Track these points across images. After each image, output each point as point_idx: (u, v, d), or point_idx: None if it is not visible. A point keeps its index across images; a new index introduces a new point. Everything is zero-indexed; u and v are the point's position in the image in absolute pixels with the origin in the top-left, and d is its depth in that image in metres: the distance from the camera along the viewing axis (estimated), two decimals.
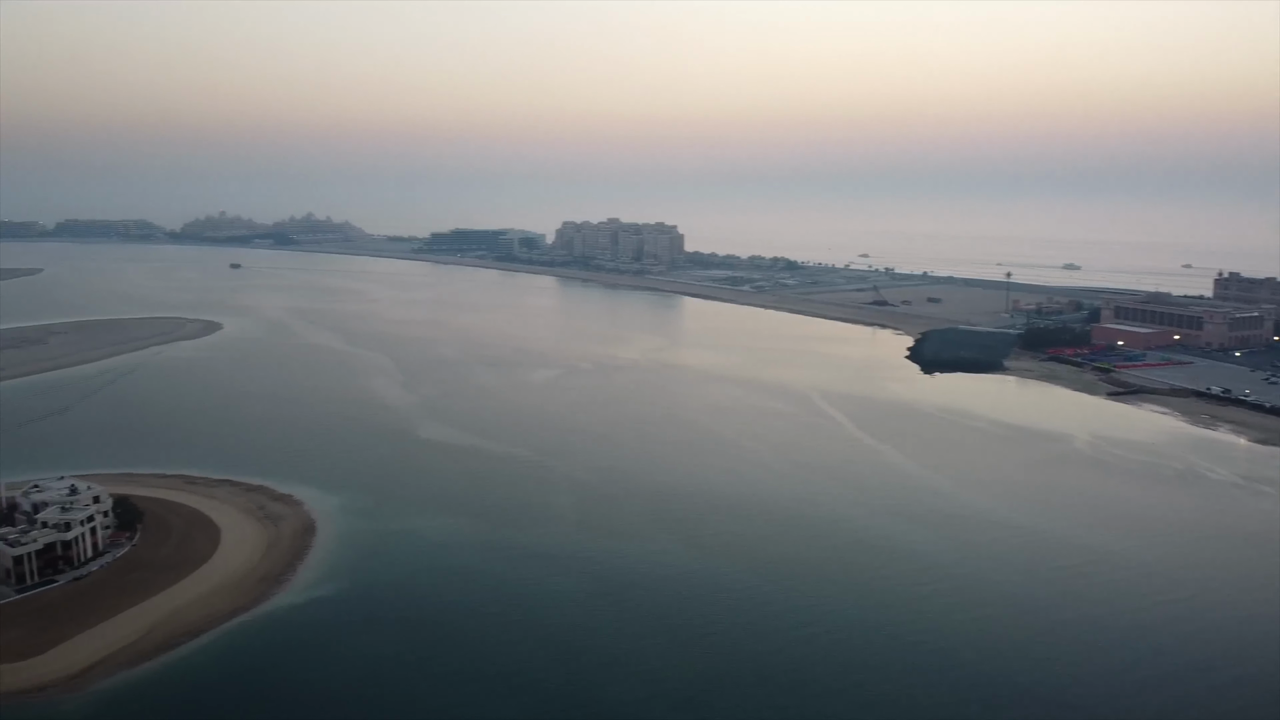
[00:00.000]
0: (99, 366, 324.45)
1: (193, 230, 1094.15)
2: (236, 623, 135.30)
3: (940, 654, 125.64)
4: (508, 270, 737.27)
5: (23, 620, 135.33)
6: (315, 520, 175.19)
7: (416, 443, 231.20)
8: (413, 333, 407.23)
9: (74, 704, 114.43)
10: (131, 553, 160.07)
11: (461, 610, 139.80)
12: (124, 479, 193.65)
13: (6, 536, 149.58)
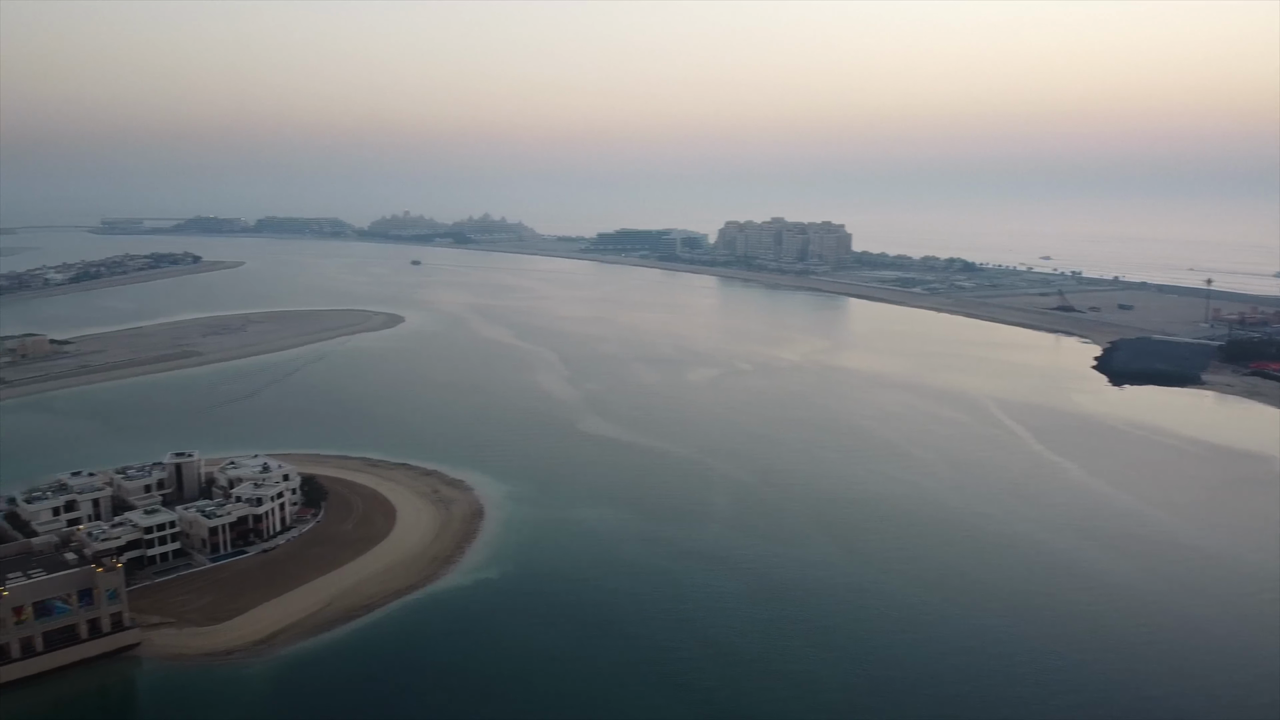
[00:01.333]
0: (291, 354, 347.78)
1: (379, 228, 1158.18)
2: (409, 599, 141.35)
3: (1122, 687, 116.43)
4: (670, 269, 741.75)
5: (215, 587, 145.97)
6: (483, 506, 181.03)
7: (579, 436, 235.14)
8: (578, 329, 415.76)
9: (258, 668, 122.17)
10: (316, 528, 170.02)
11: (622, 603, 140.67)
12: (311, 459, 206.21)
13: (204, 509, 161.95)
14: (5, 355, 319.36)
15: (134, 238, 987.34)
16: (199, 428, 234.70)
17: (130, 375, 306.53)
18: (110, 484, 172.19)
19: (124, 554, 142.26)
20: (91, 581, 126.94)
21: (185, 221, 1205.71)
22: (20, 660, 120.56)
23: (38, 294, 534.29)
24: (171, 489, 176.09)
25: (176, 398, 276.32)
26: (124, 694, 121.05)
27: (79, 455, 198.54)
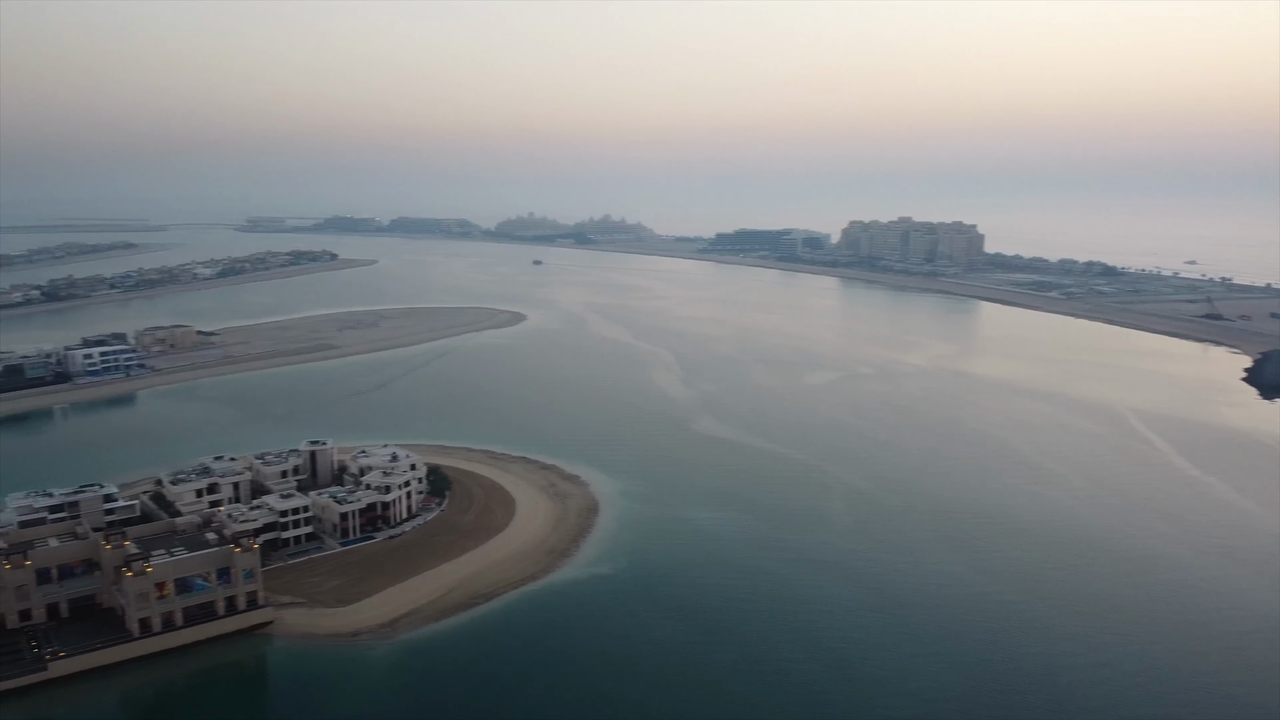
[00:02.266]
0: (419, 349, 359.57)
1: (505, 229, 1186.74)
2: (526, 590, 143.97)
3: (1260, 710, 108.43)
4: (790, 270, 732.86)
5: (344, 570, 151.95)
6: (598, 501, 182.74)
7: (694, 436, 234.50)
8: (695, 329, 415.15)
9: (383, 650, 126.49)
10: (439, 517, 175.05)
11: (735, 604, 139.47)
12: (436, 450, 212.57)
13: (336, 495, 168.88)
14: (156, 345, 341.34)
15: (276, 236, 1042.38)
16: (333, 417, 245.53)
17: (270, 366, 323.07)
18: (249, 469, 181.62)
19: (260, 536, 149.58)
20: (230, 561, 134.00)
21: (324, 221, 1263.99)
22: (161, 634, 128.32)
23: (187, 288, 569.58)
24: (306, 475, 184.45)
25: (313, 388, 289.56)
26: (256, 669, 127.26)
27: (221, 440, 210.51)
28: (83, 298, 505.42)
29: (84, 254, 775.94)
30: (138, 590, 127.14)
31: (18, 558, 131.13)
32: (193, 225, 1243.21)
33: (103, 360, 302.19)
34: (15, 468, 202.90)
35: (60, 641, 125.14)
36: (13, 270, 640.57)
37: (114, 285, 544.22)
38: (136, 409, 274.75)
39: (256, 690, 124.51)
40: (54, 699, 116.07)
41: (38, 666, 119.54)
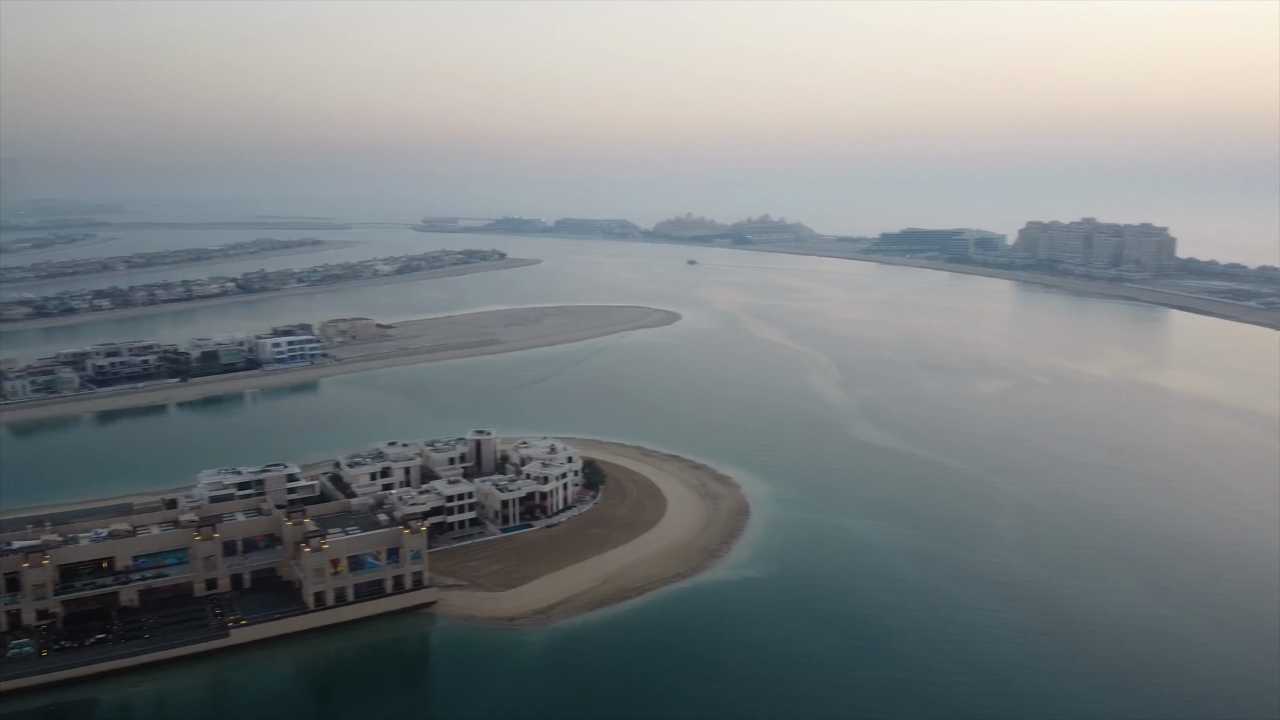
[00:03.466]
0: (577, 345, 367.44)
1: (663, 230, 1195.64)
2: (676, 587, 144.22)
3: None
4: (960, 273, 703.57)
5: (504, 556, 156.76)
6: (749, 503, 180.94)
7: (851, 442, 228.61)
8: (855, 332, 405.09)
9: (538, 636, 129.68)
10: (594, 510, 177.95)
11: (889, 618, 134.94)
12: (591, 444, 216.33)
13: (498, 483, 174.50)
14: (338, 336, 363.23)
15: (449, 235, 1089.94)
16: (495, 408, 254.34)
17: (441, 358, 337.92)
18: (420, 455, 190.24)
19: (428, 519, 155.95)
20: (399, 542, 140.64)
21: (494, 221, 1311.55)
22: (334, 608, 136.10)
23: (368, 283, 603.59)
24: (471, 463, 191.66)
25: (478, 380, 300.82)
26: (420, 647, 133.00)
27: (394, 427, 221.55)
28: (273, 290, 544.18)
29: (275, 250, 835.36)
30: (314, 565, 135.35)
31: (207, 530, 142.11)
32: (374, 224, 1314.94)
33: (290, 349, 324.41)
34: (209, 446, 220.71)
35: (242, 610, 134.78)
36: (212, 264, 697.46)
37: (301, 279, 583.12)
38: (318, 395, 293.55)
39: (419, 667, 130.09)
40: (234, 664, 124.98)
41: (221, 633, 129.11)
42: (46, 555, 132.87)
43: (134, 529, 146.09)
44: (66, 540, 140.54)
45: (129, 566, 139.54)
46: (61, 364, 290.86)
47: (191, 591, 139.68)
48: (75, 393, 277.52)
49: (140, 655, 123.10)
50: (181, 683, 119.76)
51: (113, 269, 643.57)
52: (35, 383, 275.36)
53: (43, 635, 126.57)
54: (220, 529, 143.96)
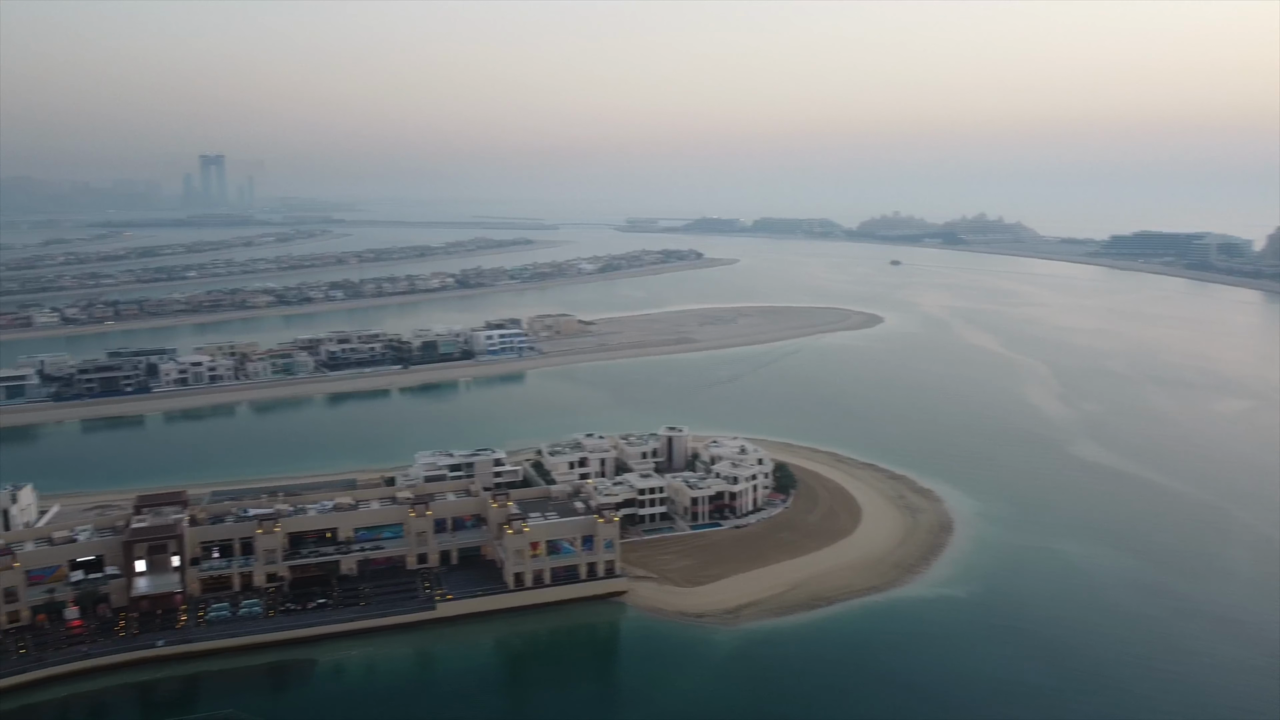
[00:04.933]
0: (771, 346, 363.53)
1: (867, 229, 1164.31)
2: (868, 600, 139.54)
3: None
4: (1198, 280, 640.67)
5: (693, 553, 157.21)
6: (953, 519, 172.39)
7: (1069, 459, 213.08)
8: (1077, 341, 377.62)
9: (726, 635, 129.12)
10: (783, 514, 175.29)
11: (1108, 651, 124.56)
12: (783, 447, 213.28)
13: (688, 480, 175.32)
14: (544, 331, 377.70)
15: (649, 235, 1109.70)
16: (688, 406, 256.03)
17: (638, 355, 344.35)
18: (615, 447, 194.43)
19: (620, 510, 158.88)
20: (594, 530, 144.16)
21: (692, 221, 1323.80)
22: (531, 589, 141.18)
23: (572, 281, 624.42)
24: (663, 458, 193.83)
25: (672, 377, 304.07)
26: (610, 635, 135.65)
27: (592, 419, 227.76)
28: (487, 286, 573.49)
29: (491, 248, 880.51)
30: (516, 547, 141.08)
31: (421, 507, 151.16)
32: (581, 225, 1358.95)
33: (501, 341, 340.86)
34: (425, 429, 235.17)
35: (448, 585, 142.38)
36: (434, 260, 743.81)
37: (513, 276, 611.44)
38: (524, 386, 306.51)
39: (609, 654, 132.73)
40: (439, 636, 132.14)
41: (428, 605, 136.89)
42: (278, 523, 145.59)
43: (356, 503, 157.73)
44: (296, 510, 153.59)
45: (350, 538, 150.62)
46: (299, 349, 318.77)
47: (404, 564, 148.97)
48: (310, 375, 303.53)
49: (356, 621, 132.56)
50: (391, 650, 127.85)
51: (346, 263, 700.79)
52: (275, 365, 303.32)
53: (270, 597, 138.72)
54: (433, 507, 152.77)
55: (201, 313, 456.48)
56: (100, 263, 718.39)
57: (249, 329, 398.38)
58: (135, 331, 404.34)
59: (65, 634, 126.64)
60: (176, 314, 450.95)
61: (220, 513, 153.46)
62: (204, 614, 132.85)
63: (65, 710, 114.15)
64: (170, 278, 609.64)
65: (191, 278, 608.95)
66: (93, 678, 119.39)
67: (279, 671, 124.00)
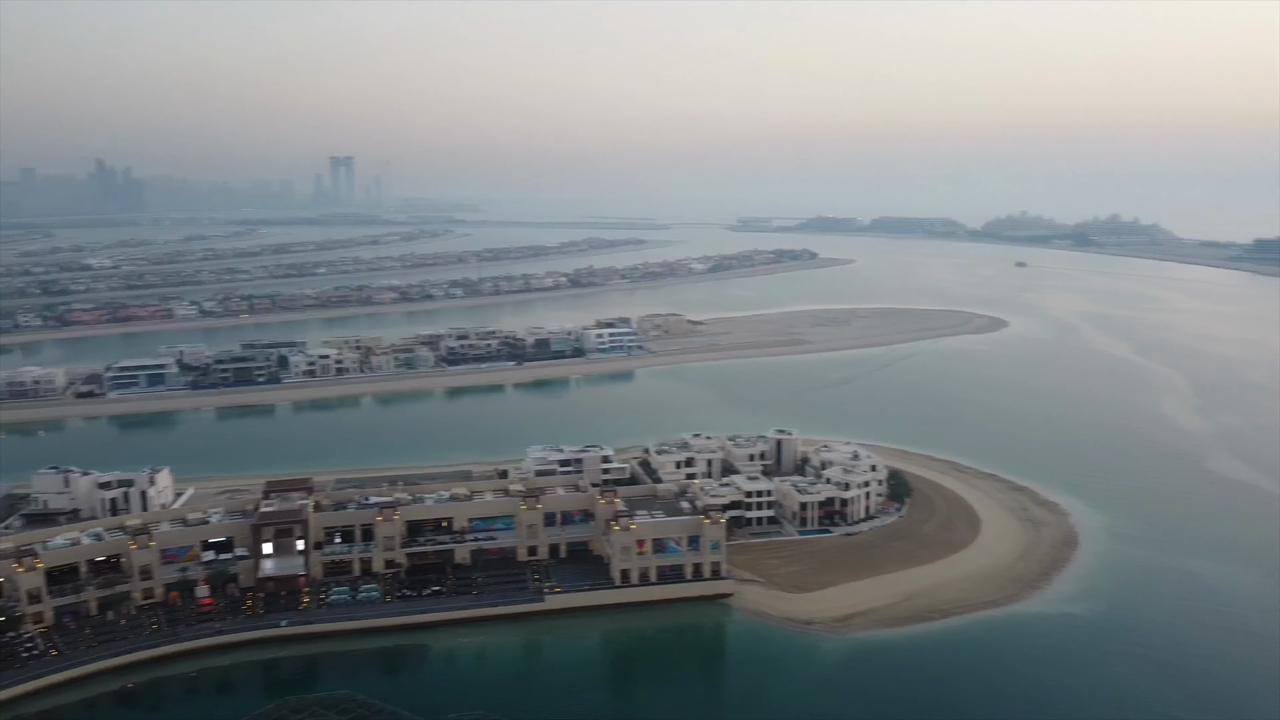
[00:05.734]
0: (886, 349, 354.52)
1: (992, 229, 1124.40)
2: (985, 615, 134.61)
3: None
4: None
5: (801, 558, 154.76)
6: (1078, 534, 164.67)
7: (1204, 474, 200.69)
8: (1217, 350, 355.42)
9: (834, 644, 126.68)
10: (897, 523, 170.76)
11: (1240, 677, 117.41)
12: (898, 454, 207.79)
13: (797, 484, 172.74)
14: (653, 330, 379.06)
15: (762, 235, 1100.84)
16: (798, 408, 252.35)
17: (747, 355, 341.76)
18: (722, 448, 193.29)
19: (727, 511, 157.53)
20: (700, 530, 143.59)
21: (806, 221, 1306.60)
22: (637, 586, 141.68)
23: (682, 281, 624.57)
24: (771, 461, 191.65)
25: (782, 379, 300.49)
26: (715, 636, 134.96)
27: (699, 419, 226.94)
28: (599, 285, 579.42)
29: (603, 248, 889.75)
30: (622, 543, 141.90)
31: (532, 500, 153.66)
32: (693, 225, 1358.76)
33: (611, 340, 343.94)
34: (537, 424, 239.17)
35: (557, 578, 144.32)
36: (548, 259, 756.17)
37: (624, 276, 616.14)
38: (633, 384, 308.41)
39: (714, 656, 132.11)
40: (547, 627, 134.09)
41: (537, 597, 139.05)
42: (397, 511, 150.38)
43: (471, 494, 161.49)
44: (414, 499, 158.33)
45: (465, 528, 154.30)
46: (420, 344, 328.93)
47: (515, 556, 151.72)
48: (429, 370, 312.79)
49: (468, 610, 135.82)
50: (501, 639, 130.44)
51: (465, 262, 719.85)
52: (397, 359, 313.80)
53: (388, 582, 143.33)
54: (543, 501, 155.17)
55: (330, 308, 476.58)
56: (237, 259, 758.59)
57: (374, 324, 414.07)
58: (268, 325, 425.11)
59: (196, 611, 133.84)
60: (306, 309, 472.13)
61: (343, 499, 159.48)
62: (325, 596, 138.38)
63: (195, 684, 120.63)
64: (301, 274, 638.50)
65: (321, 274, 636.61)
66: (220, 654, 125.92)
67: (394, 656, 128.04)
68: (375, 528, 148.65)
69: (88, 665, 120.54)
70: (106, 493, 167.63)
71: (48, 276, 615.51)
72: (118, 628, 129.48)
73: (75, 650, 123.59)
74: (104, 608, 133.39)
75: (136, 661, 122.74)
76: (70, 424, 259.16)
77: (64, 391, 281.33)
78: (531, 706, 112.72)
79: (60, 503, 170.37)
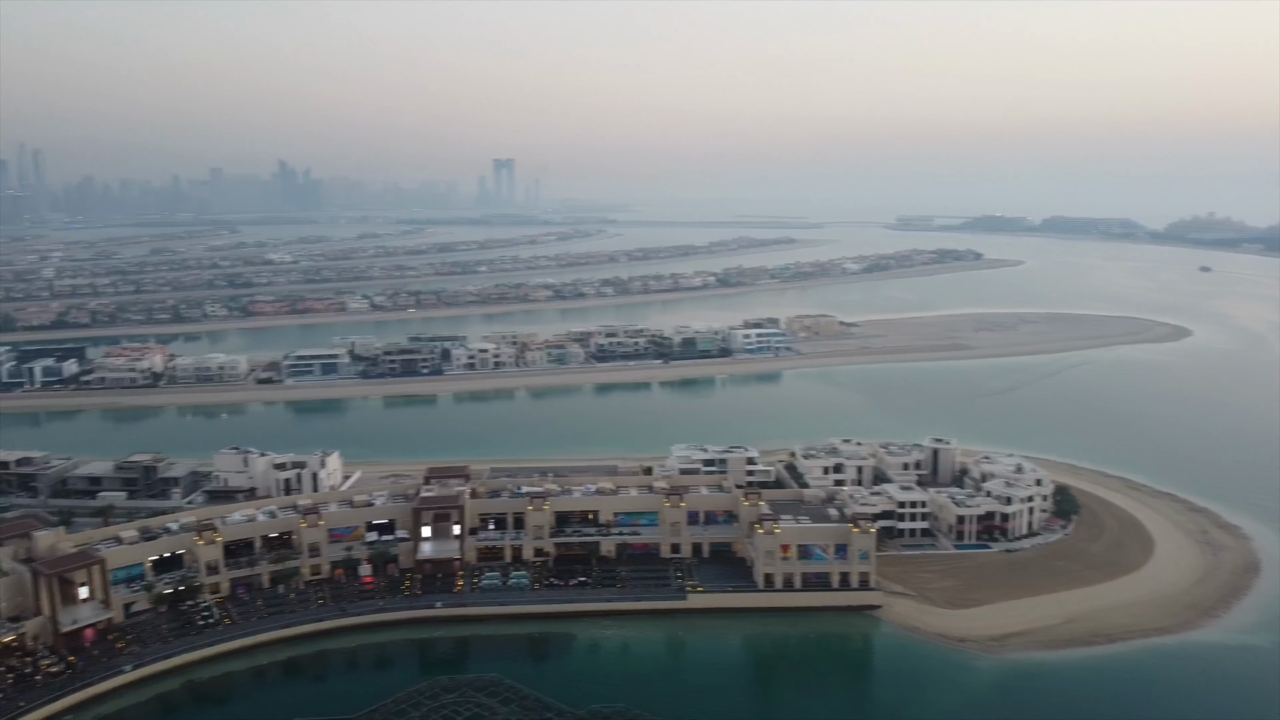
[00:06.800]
0: (1055, 357, 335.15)
1: (1175, 230, 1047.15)
2: (1155, 642, 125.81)
3: None
4: None
5: (956, 573, 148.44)
6: (1260, 560, 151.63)
7: None
8: None
9: (989, 664, 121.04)
10: (1062, 541, 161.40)
11: None
12: (1066, 469, 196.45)
13: (955, 496, 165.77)
14: (803, 331, 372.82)
15: (922, 234, 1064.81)
16: (956, 417, 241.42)
17: (903, 359, 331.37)
18: (873, 455, 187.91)
19: (877, 521, 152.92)
20: (848, 538, 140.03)
21: (971, 220, 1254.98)
22: (781, 591, 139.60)
23: (835, 281, 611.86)
24: (926, 471, 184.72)
25: (940, 386, 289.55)
26: (862, 648, 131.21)
27: (849, 424, 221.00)
28: (748, 285, 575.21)
29: (753, 247, 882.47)
30: (767, 547, 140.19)
31: (676, 498, 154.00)
32: (848, 223, 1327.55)
33: (758, 340, 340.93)
34: (681, 422, 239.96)
35: (699, 577, 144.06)
36: (697, 259, 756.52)
37: (774, 275, 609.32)
38: (780, 386, 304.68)
39: (860, 668, 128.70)
40: (689, 625, 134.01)
41: (680, 595, 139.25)
42: (547, 502, 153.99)
43: (616, 489, 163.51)
44: (563, 491, 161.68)
45: (610, 521, 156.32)
46: (571, 340, 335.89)
47: (658, 552, 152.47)
48: (580, 366, 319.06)
49: (612, 602, 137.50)
50: (643, 634, 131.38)
51: (616, 260, 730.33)
52: (550, 355, 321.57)
53: (537, 571, 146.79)
54: (686, 499, 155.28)
55: (489, 304, 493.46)
56: (405, 256, 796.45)
57: (529, 321, 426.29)
58: (432, 320, 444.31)
59: (358, 589, 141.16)
60: (467, 305, 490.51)
61: (497, 488, 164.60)
62: (478, 581, 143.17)
63: (355, 657, 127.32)
64: (464, 271, 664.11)
65: (482, 272, 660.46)
66: (378, 631, 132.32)
67: (541, 642, 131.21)
68: (526, 516, 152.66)
69: (258, 635, 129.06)
70: (281, 473, 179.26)
71: (233, 270, 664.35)
72: (287, 601, 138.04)
73: (247, 620, 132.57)
74: (275, 581, 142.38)
75: (303, 634, 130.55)
76: (250, 408, 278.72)
77: (246, 377, 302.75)
78: (672, 704, 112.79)
79: (239, 481, 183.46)
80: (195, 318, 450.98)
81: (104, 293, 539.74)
